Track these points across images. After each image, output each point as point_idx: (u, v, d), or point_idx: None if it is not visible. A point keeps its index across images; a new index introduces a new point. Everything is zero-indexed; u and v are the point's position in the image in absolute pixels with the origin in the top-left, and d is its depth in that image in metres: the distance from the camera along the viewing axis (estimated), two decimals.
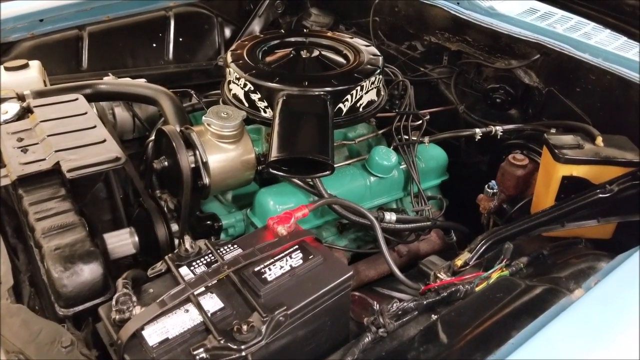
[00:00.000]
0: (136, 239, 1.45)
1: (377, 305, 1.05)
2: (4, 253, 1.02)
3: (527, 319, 0.88)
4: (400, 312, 1.05)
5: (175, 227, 1.50)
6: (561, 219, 1.33)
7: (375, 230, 1.30)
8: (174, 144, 1.30)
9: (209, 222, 1.43)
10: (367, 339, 1.00)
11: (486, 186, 1.58)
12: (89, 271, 0.96)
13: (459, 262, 1.24)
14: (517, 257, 1.23)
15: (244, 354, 0.83)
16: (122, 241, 1.46)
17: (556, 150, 1.33)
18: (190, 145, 1.33)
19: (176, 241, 1.50)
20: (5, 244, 1.06)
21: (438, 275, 1.22)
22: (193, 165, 1.32)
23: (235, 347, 0.82)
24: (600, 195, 1.26)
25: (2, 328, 0.87)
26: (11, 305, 0.91)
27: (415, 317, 1.06)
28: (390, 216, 1.44)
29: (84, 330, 0.93)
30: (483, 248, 1.28)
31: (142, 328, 0.84)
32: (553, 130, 1.56)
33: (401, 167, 1.63)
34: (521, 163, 1.57)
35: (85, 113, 1.36)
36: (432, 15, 2.01)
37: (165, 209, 1.51)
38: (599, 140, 1.36)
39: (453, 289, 1.12)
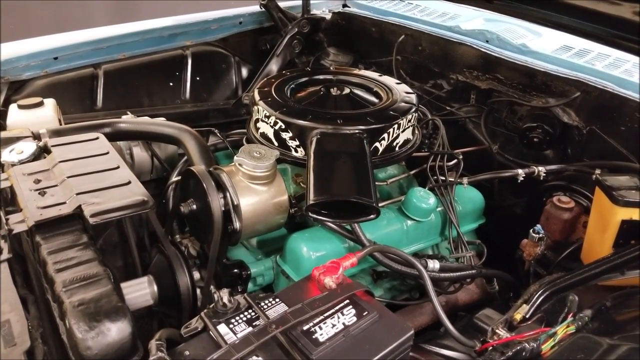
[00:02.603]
0: (155, 288, 1.34)
1: None
2: (19, 308, 0.90)
3: None
4: None
5: (197, 275, 1.39)
6: (621, 267, 1.22)
7: (425, 280, 1.18)
8: (204, 186, 1.20)
9: (236, 271, 1.32)
10: None
11: (531, 230, 1.48)
12: (117, 330, 0.84)
13: (517, 315, 1.13)
14: (576, 309, 1.12)
15: None
16: (140, 291, 1.34)
17: (614, 193, 1.24)
18: (220, 187, 1.24)
19: (198, 291, 1.38)
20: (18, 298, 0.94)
21: (496, 331, 1.10)
22: (223, 209, 1.22)
23: None
24: None
25: None
26: None
27: None
28: (434, 264, 1.33)
29: None
30: (540, 299, 1.16)
31: None
32: (598, 171, 1.47)
33: (438, 210, 1.53)
34: (567, 206, 1.48)
35: (107, 153, 1.26)
36: (459, 53, 1.96)
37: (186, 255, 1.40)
38: None
39: (518, 348, 1.01)
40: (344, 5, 2.58)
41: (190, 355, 0.81)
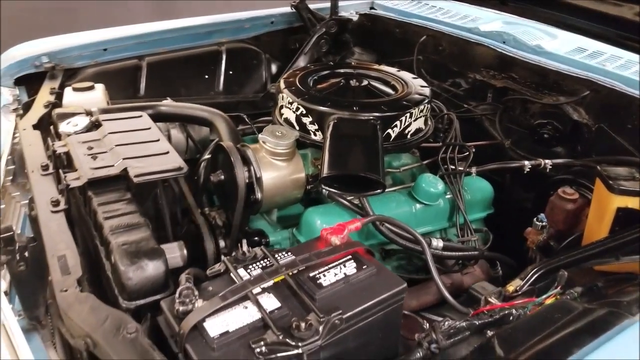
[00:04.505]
0: (185, 252, 1.49)
1: (427, 325, 1.04)
2: (73, 247, 1.07)
3: (588, 338, 0.86)
4: (452, 331, 1.04)
5: (222, 243, 1.54)
6: (616, 252, 1.30)
7: (425, 253, 1.30)
8: (232, 159, 1.35)
9: (256, 238, 1.46)
10: (418, 354, 1.00)
11: (535, 219, 1.57)
12: (153, 267, 1.00)
13: (510, 288, 1.23)
14: (571, 287, 1.21)
15: (300, 351, 0.83)
16: (172, 253, 1.50)
17: (611, 182, 1.32)
18: (245, 161, 1.39)
19: (222, 257, 1.53)
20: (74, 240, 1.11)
21: (489, 299, 1.20)
22: (247, 181, 1.37)
23: (293, 343, 0.83)
24: None
25: (72, 314, 0.91)
26: (80, 294, 0.95)
27: (467, 337, 1.05)
28: (437, 242, 1.44)
29: (143, 324, 0.95)
30: (535, 277, 1.26)
31: (203, 320, 0.87)
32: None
33: (447, 197, 1.64)
34: (571, 197, 1.56)
35: (150, 128, 1.44)
36: (477, 53, 2.06)
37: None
38: None
39: (506, 312, 1.11)
40: (371, 7, 2.72)
41: (212, 289, 0.95)
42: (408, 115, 1.53)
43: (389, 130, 1.52)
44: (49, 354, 1.42)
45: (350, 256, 1.04)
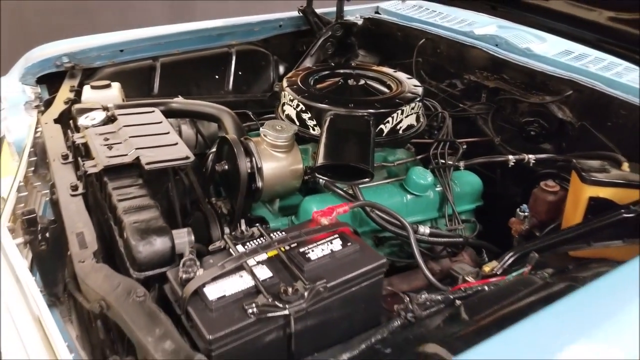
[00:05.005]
0: (192, 238, 1.62)
1: (408, 297, 1.15)
2: (90, 225, 1.20)
3: (543, 306, 0.96)
4: (428, 303, 1.16)
5: (227, 229, 1.66)
6: (587, 238, 1.40)
7: (409, 237, 1.41)
8: (235, 150, 1.48)
9: (257, 224, 1.58)
10: (396, 322, 1.11)
11: (518, 209, 1.67)
12: (161, 242, 1.12)
13: (487, 268, 1.33)
14: (534, 263, 1.30)
15: (287, 312, 0.95)
16: (181, 238, 1.63)
17: (583, 173, 1.42)
18: (248, 152, 1.51)
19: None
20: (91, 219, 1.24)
21: (466, 278, 1.31)
22: (249, 171, 1.50)
23: (281, 305, 0.95)
24: (625, 215, 1.33)
25: (89, 281, 1.04)
26: (95, 264, 1.08)
27: (442, 309, 1.16)
28: (424, 229, 1.55)
29: (151, 293, 1.07)
30: (511, 260, 1.36)
31: (203, 286, 0.99)
32: None
33: (437, 189, 1.75)
34: (552, 189, 1.66)
35: (161, 122, 1.57)
36: (472, 55, 2.17)
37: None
38: (625, 166, 1.45)
39: (479, 289, 1.22)
40: (376, 12, 2.84)
41: (212, 262, 1.08)
42: (400, 112, 1.65)
43: (382, 126, 1.63)
44: (67, 328, 1.56)
45: (337, 235, 1.15)
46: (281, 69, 2.73)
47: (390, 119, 1.63)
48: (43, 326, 1.22)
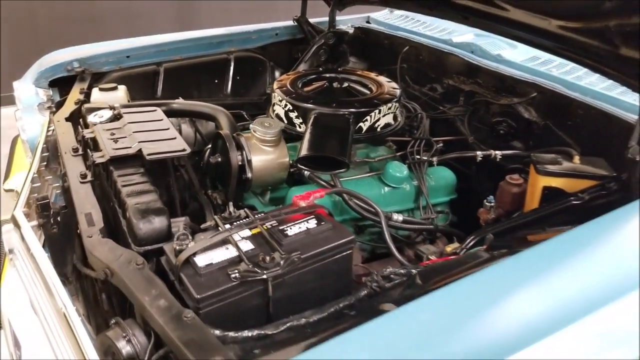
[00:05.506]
0: (188, 220, 1.79)
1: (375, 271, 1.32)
2: (97, 208, 1.38)
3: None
4: (392, 276, 1.32)
5: None
6: (542, 223, 1.56)
7: (381, 220, 1.58)
8: (227, 145, 1.66)
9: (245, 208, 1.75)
10: (363, 292, 1.27)
11: (485, 200, 1.83)
12: (159, 221, 1.29)
13: (448, 249, 1.50)
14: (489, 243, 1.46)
15: (265, 277, 1.12)
16: (177, 226, 1.81)
17: (538, 165, 1.59)
18: (239, 146, 1.69)
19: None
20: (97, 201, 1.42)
21: (430, 257, 1.48)
22: (240, 163, 1.67)
23: (259, 271, 1.12)
24: (574, 202, 1.49)
25: (96, 252, 1.21)
26: (101, 239, 1.25)
27: (404, 281, 1.32)
28: (398, 217, 1.72)
29: (150, 264, 1.24)
30: (473, 242, 1.52)
31: (193, 255, 1.16)
32: None
33: (413, 183, 1.91)
34: (516, 182, 1.82)
35: (162, 120, 1.75)
36: (450, 62, 2.34)
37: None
38: (576, 159, 1.61)
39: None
40: (367, 21, 3.02)
41: (202, 237, 1.25)
42: (377, 111, 1.82)
43: (361, 124, 1.81)
44: (75, 304, 1.73)
45: (313, 215, 1.32)
46: (277, 74, 2.89)
47: (368, 117, 1.81)
48: (55, 299, 1.39)
